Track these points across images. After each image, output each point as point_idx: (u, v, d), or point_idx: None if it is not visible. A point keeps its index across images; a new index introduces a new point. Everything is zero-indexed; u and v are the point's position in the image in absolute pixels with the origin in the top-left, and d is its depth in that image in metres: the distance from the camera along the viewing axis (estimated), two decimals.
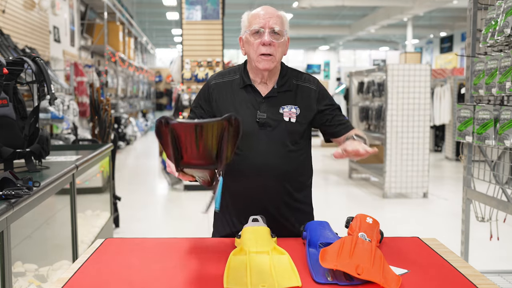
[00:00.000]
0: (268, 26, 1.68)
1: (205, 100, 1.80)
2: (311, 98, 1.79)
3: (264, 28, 1.68)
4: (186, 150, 1.23)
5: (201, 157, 1.25)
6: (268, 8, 1.73)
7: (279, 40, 1.70)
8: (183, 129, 1.18)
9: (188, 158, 1.25)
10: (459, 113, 2.86)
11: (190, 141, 1.20)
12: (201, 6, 7.11)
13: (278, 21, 1.70)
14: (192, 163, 1.28)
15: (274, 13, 1.71)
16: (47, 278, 2.67)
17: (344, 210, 5.91)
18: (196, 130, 1.18)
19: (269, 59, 1.70)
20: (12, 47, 4.92)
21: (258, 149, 1.72)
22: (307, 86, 1.80)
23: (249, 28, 1.71)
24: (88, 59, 9.99)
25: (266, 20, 1.69)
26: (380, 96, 7.08)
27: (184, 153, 1.24)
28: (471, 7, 2.90)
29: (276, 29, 1.69)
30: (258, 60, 1.71)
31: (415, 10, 13.96)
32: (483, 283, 1.29)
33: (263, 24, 1.68)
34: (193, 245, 1.59)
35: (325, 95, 1.83)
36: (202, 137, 1.19)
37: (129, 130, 12.94)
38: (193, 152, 1.23)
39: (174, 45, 24.13)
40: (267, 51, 1.69)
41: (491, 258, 3.94)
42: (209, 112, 1.79)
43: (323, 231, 1.54)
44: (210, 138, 1.20)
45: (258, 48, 1.70)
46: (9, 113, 2.33)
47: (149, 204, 6.18)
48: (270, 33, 1.69)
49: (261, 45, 1.69)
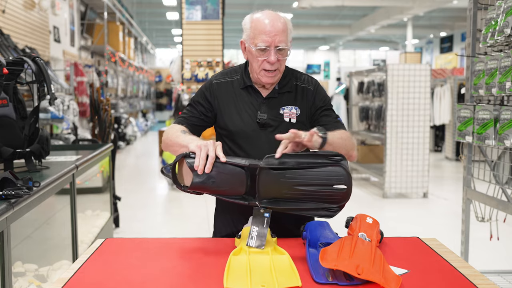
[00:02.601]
0: (274, 44, 1.64)
1: (206, 98, 1.79)
2: (309, 99, 1.79)
3: (270, 47, 1.64)
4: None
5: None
6: (274, 21, 1.65)
7: (284, 56, 1.68)
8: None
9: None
10: (459, 113, 2.86)
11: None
12: (201, 6, 7.11)
13: (284, 37, 1.65)
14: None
15: (280, 28, 1.64)
16: (47, 278, 2.67)
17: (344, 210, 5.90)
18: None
19: (273, 75, 1.70)
20: (12, 47, 4.92)
21: (258, 149, 1.71)
22: (305, 87, 1.80)
23: (254, 42, 1.66)
24: (88, 59, 9.99)
25: (272, 38, 1.63)
26: (380, 96, 7.08)
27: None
28: (471, 7, 2.90)
29: (282, 46, 1.65)
30: (262, 75, 1.70)
31: (415, 10, 13.96)
32: (483, 283, 1.29)
33: (269, 43, 1.64)
34: (193, 245, 1.59)
35: (320, 97, 1.80)
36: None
37: (129, 130, 12.94)
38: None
39: (174, 45, 24.13)
40: (271, 68, 1.67)
41: (491, 258, 3.94)
42: (209, 110, 1.78)
43: (323, 231, 1.54)
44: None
45: (262, 64, 1.68)
46: (9, 113, 2.33)
47: (149, 204, 6.18)
48: (276, 51, 1.65)
49: (266, 62, 1.67)
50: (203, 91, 1.82)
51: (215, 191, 1.46)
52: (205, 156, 1.42)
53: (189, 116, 1.78)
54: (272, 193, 1.44)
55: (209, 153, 1.42)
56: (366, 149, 7.89)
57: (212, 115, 1.79)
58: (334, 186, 1.41)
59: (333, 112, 1.81)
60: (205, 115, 1.78)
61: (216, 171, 1.43)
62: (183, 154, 1.47)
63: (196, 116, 1.78)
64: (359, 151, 7.93)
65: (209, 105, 1.79)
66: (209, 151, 1.43)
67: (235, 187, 1.46)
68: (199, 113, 1.78)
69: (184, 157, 1.46)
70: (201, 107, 1.79)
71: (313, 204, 1.43)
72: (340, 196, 1.42)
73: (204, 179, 1.43)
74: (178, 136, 1.62)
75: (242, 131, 1.74)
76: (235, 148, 1.75)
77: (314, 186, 1.41)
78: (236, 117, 1.75)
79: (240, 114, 1.75)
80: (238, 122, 1.74)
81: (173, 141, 1.63)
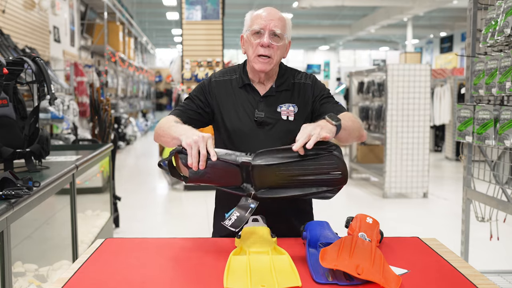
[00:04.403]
0: (269, 28, 1.68)
1: (205, 94, 1.79)
2: (308, 94, 1.79)
3: (264, 30, 1.68)
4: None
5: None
6: (271, 10, 1.72)
7: (278, 43, 1.70)
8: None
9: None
10: (459, 113, 2.86)
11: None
12: (201, 6, 7.11)
13: (280, 24, 1.70)
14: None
15: (276, 16, 1.70)
16: (47, 278, 2.67)
17: (344, 210, 5.91)
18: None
19: (266, 61, 1.70)
20: (12, 47, 4.92)
21: (256, 148, 1.71)
22: (303, 83, 1.81)
23: (250, 28, 1.71)
24: (88, 59, 9.99)
25: (267, 22, 1.68)
26: (380, 96, 7.09)
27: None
28: (471, 7, 2.90)
29: (276, 31, 1.68)
30: (255, 61, 1.71)
31: (415, 10, 13.97)
32: (483, 283, 1.29)
33: (264, 25, 1.68)
34: (193, 245, 1.59)
35: (319, 88, 1.81)
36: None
37: (129, 130, 12.94)
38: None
39: (174, 45, 24.13)
40: (265, 53, 1.69)
41: (491, 258, 3.94)
42: (206, 106, 1.78)
43: (323, 231, 1.54)
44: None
45: (256, 49, 1.70)
46: (9, 113, 2.33)
47: (149, 204, 6.18)
48: (270, 35, 1.68)
49: (259, 46, 1.69)
50: (201, 88, 1.82)
51: (213, 183, 1.50)
52: (197, 153, 1.42)
53: (185, 109, 1.77)
54: (269, 184, 1.46)
55: (200, 150, 1.42)
56: (366, 149, 7.89)
57: (209, 112, 1.79)
58: (330, 173, 1.42)
59: (333, 99, 1.81)
60: (203, 110, 1.78)
61: (210, 167, 1.44)
62: (176, 150, 1.48)
63: (193, 110, 1.77)
64: (359, 151, 7.94)
65: (206, 101, 1.79)
66: (200, 148, 1.42)
67: (231, 181, 1.49)
68: (196, 107, 1.78)
69: (178, 152, 1.47)
70: (199, 102, 1.79)
71: (312, 189, 1.44)
72: (337, 181, 1.44)
73: (199, 175, 1.45)
74: (170, 127, 1.60)
75: (240, 130, 1.74)
76: (233, 147, 1.75)
77: (311, 176, 1.42)
78: (233, 116, 1.76)
79: (237, 113, 1.75)
80: (235, 120, 1.75)
81: (165, 131, 1.61)
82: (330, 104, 1.77)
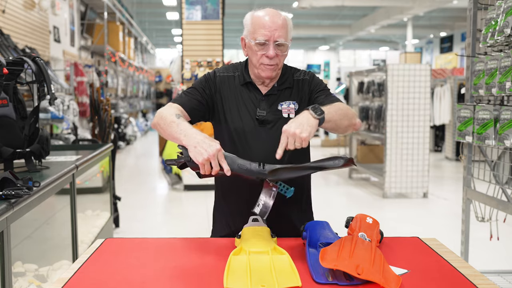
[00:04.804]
0: (273, 39, 1.66)
1: (209, 87, 1.77)
2: (305, 89, 1.79)
3: (269, 41, 1.66)
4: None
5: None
6: (274, 16, 1.68)
7: (283, 52, 1.70)
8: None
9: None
10: (459, 113, 2.86)
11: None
12: (201, 6, 7.11)
13: (283, 32, 1.67)
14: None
15: (279, 22, 1.67)
16: (47, 278, 2.67)
17: (344, 210, 5.91)
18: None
19: (272, 68, 1.70)
20: (12, 47, 4.92)
21: (257, 146, 1.72)
22: (301, 79, 1.81)
23: (253, 36, 1.68)
24: (88, 59, 9.99)
25: (271, 32, 1.65)
26: (380, 96, 7.09)
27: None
28: (471, 7, 2.90)
29: (281, 42, 1.67)
30: (262, 68, 1.71)
31: (415, 10, 13.96)
32: (483, 283, 1.29)
33: (268, 37, 1.66)
34: (193, 245, 1.59)
35: (316, 83, 1.81)
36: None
37: (129, 130, 12.94)
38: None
39: (174, 45, 24.13)
40: (270, 63, 1.68)
41: (491, 258, 3.94)
42: (209, 98, 1.76)
43: (323, 231, 1.54)
44: None
45: (261, 58, 1.69)
46: (9, 113, 2.33)
47: (149, 204, 6.18)
48: (275, 46, 1.67)
49: (265, 57, 1.68)
50: (207, 79, 1.79)
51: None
52: (209, 169, 1.44)
53: (190, 98, 1.73)
54: (283, 178, 1.55)
55: (213, 167, 1.43)
56: (366, 149, 7.89)
57: (210, 106, 1.77)
58: (337, 161, 1.50)
59: (328, 91, 1.80)
60: (206, 100, 1.75)
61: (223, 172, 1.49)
62: (184, 160, 1.49)
63: (198, 100, 1.74)
64: (359, 151, 7.93)
65: (210, 93, 1.77)
66: (212, 165, 1.43)
67: (244, 180, 1.55)
68: (201, 97, 1.74)
69: (186, 161, 1.49)
70: (204, 93, 1.76)
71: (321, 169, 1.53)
72: (346, 164, 1.50)
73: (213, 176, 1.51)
74: (171, 124, 1.56)
75: (241, 128, 1.74)
76: (234, 145, 1.74)
77: (320, 170, 1.53)
78: (235, 113, 1.75)
79: (239, 111, 1.75)
80: (237, 118, 1.74)
81: (167, 125, 1.57)
82: (323, 96, 1.76)
